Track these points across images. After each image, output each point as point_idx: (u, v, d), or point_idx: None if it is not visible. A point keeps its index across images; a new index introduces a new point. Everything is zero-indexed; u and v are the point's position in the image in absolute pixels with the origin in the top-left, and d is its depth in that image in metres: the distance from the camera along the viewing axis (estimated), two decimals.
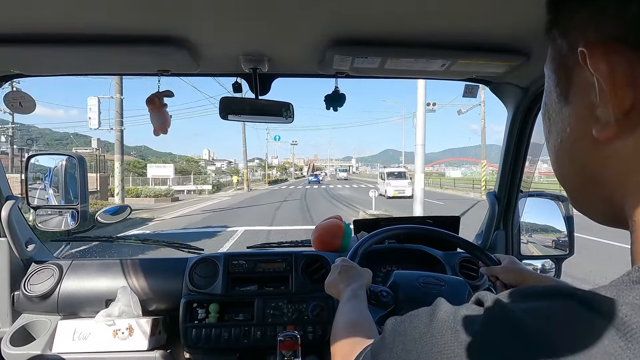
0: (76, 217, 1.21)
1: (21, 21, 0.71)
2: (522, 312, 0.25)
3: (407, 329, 0.33)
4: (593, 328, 0.22)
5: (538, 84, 1.04)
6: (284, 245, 1.45)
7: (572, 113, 0.30)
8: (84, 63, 0.96)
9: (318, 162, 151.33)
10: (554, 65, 0.32)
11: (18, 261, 1.16)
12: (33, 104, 1.06)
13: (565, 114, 0.31)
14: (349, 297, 0.70)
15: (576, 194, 0.33)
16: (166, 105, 1.03)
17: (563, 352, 0.22)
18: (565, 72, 0.30)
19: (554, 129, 0.32)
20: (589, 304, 0.23)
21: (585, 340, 0.22)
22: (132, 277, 1.18)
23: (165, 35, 0.79)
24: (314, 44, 0.84)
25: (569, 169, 0.32)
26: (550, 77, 0.32)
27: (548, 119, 0.33)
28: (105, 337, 1.09)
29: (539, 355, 0.23)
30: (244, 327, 1.12)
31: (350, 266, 0.82)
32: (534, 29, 0.74)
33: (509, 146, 1.19)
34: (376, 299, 0.83)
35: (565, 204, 1.23)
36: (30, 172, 1.20)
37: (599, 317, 0.22)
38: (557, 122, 0.32)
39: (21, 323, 1.13)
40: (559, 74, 0.31)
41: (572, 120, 0.30)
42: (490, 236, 1.27)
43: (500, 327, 0.26)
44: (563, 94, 0.31)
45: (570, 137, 0.30)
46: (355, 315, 0.65)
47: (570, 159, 0.31)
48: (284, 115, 1.04)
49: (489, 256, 0.97)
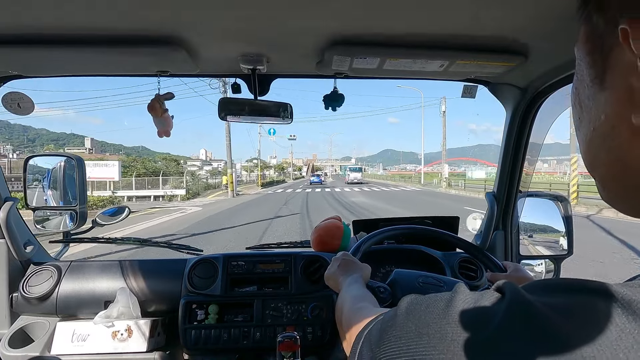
0: (75, 218, 1.21)
1: (20, 22, 0.71)
2: (544, 305, 0.25)
3: (422, 312, 0.32)
4: (616, 323, 0.22)
5: (536, 84, 1.04)
6: (283, 246, 1.44)
7: (609, 98, 0.28)
8: (82, 64, 0.96)
9: (317, 162, 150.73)
10: (588, 46, 0.29)
11: (16, 262, 1.16)
12: (32, 105, 1.06)
13: (600, 99, 0.28)
14: (350, 283, 0.72)
15: (609, 185, 0.31)
16: (167, 110, 1.04)
17: (583, 346, 0.22)
18: (601, 53, 0.28)
19: (586, 116, 0.30)
20: (613, 299, 0.23)
21: (608, 335, 0.22)
22: (131, 278, 1.18)
23: (163, 36, 0.79)
24: (313, 44, 0.84)
25: (602, 159, 0.30)
26: (582, 60, 0.30)
27: (579, 105, 0.31)
28: (104, 338, 1.09)
29: (557, 349, 0.22)
30: (243, 328, 1.12)
31: (350, 260, 0.84)
32: (532, 29, 0.75)
33: (507, 146, 1.20)
34: (374, 294, 0.83)
35: (564, 204, 1.23)
36: (28, 174, 1.20)
37: (625, 312, 0.22)
38: (589, 109, 0.30)
39: (20, 325, 1.12)
40: (594, 56, 0.29)
41: (608, 107, 0.28)
42: (489, 236, 1.28)
43: (520, 320, 0.25)
44: (598, 77, 0.28)
45: (606, 124, 0.28)
46: (359, 292, 0.67)
47: (605, 148, 0.29)
48: (282, 115, 1.04)
49: (494, 262, 0.97)
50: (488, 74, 1.03)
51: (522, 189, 1.24)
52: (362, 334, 0.42)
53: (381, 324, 0.38)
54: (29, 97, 1.05)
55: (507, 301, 0.27)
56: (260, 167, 51.76)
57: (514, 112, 1.14)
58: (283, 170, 73.07)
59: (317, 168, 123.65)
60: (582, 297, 0.24)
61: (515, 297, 0.27)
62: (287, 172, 71.80)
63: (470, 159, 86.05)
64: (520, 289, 0.27)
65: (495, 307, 0.27)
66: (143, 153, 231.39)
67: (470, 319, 0.28)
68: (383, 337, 0.35)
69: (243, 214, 11.34)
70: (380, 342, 0.35)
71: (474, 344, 0.26)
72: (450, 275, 1.16)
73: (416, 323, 0.32)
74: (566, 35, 0.75)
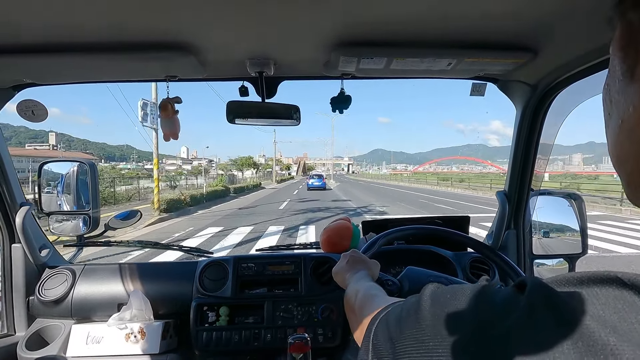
0: (88, 222, 1.23)
1: (33, 31, 0.73)
2: (565, 294, 0.26)
3: (446, 302, 0.34)
4: (637, 308, 0.22)
5: (547, 80, 1.02)
6: (293, 248, 1.45)
7: (638, 90, 0.28)
8: (93, 71, 0.97)
9: (308, 160, 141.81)
10: (622, 42, 0.30)
11: (32, 266, 1.18)
12: (45, 112, 1.08)
13: (629, 92, 0.29)
14: (357, 279, 0.73)
15: (636, 180, 0.31)
16: (177, 111, 1.05)
17: (603, 333, 0.22)
18: (635, 47, 0.29)
19: (615, 109, 0.31)
20: (634, 287, 0.23)
21: (628, 320, 0.22)
22: (143, 281, 1.20)
23: (173, 42, 0.80)
24: (320, 46, 0.84)
25: (629, 151, 0.30)
26: (615, 55, 0.31)
27: (609, 101, 0.32)
28: (118, 340, 1.10)
29: (578, 337, 0.23)
30: (254, 330, 1.12)
31: (359, 257, 0.84)
32: (541, 24, 0.73)
33: (518, 144, 1.18)
34: (382, 286, 0.83)
35: (577, 202, 1.21)
36: (42, 179, 1.23)
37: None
38: (619, 102, 0.30)
39: (36, 327, 1.15)
40: (627, 51, 0.29)
41: (636, 98, 0.28)
42: (501, 236, 1.26)
43: (542, 309, 0.26)
44: (629, 70, 0.29)
45: (634, 116, 0.29)
46: (368, 284, 0.67)
47: (631, 140, 0.29)
48: (290, 117, 1.05)
49: (507, 262, 0.96)
50: (497, 71, 1.01)
51: (533, 187, 1.22)
52: (379, 316, 0.43)
53: (401, 308, 0.39)
54: (42, 104, 1.07)
55: (529, 291, 0.28)
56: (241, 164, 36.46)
57: (524, 110, 1.12)
58: (257, 168, 46.37)
59: (310, 167, 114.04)
60: (601, 287, 0.25)
61: (537, 287, 0.28)
62: (266, 172, 52.04)
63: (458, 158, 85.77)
64: (542, 280, 0.28)
65: (517, 297, 0.29)
66: (127, 152, 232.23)
67: (493, 308, 0.29)
68: (403, 323, 0.37)
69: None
70: (400, 326, 0.37)
71: (498, 332, 0.27)
72: (462, 276, 1.15)
73: (438, 313, 0.33)
74: (576, 30, 0.73)
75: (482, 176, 52.88)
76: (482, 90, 1.14)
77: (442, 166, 73.72)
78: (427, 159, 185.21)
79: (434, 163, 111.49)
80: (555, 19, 0.71)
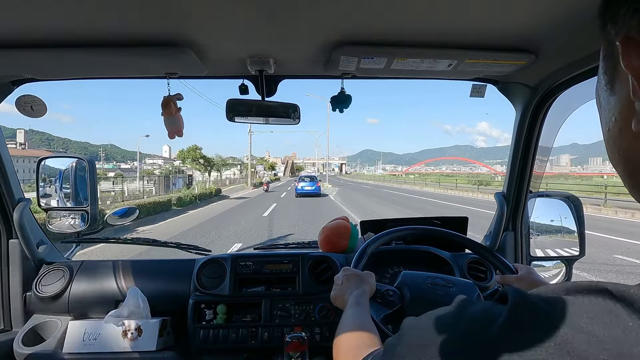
0: (86, 218, 1.23)
1: (33, 27, 0.73)
2: (547, 305, 0.26)
3: (424, 323, 0.35)
4: (621, 321, 0.22)
5: (547, 82, 1.02)
6: (291, 247, 1.45)
7: (617, 103, 0.29)
8: (93, 67, 0.97)
9: (298, 160, 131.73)
10: (603, 53, 0.31)
11: (30, 262, 1.18)
12: (44, 108, 1.08)
13: (611, 103, 0.30)
14: (351, 305, 0.71)
15: (629, 182, 0.32)
16: (180, 108, 1.04)
17: (588, 345, 0.22)
18: (612, 61, 0.30)
19: (603, 116, 0.32)
20: (618, 298, 0.23)
21: (613, 333, 0.22)
22: (141, 278, 1.19)
23: (173, 39, 0.79)
24: (320, 45, 0.84)
25: (616, 158, 0.31)
26: (600, 64, 0.32)
27: (599, 106, 0.33)
28: (115, 337, 1.10)
29: (562, 348, 0.23)
30: (251, 328, 1.12)
31: (352, 274, 0.82)
32: (542, 27, 0.73)
33: (517, 146, 1.18)
34: (382, 298, 0.83)
35: (576, 204, 1.21)
36: (41, 175, 1.22)
37: (629, 310, 0.22)
38: (605, 110, 0.31)
39: (33, 323, 1.15)
40: (607, 62, 0.31)
41: (616, 111, 0.29)
42: (499, 237, 1.26)
43: (523, 321, 0.26)
44: (610, 82, 0.30)
45: (615, 127, 0.30)
46: (358, 322, 0.65)
47: (617, 147, 0.31)
48: (290, 116, 1.05)
49: (504, 263, 0.96)
50: (497, 73, 1.02)
51: (532, 189, 1.22)
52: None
53: (384, 349, 0.41)
54: (41, 100, 1.07)
55: (510, 303, 0.28)
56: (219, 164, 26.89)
57: (524, 111, 1.13)
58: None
59: (298, 167, 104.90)
60: (587, 297, 0.25)
61: (518, 299, 0.28)
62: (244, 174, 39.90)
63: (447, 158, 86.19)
64: (524, 291, 0.28)
65: (497, 308, 0.29)
66: (111, 151, 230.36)
67: (472, 319, 0.30)
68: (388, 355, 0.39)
69: None
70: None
71: (482, 340, 0.27)
72: (459, 276, 1.15)
73: (419, 333, 0.35)
74: (577, 33, 0.73)
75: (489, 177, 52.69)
76: (482, 91, 1.14)
77: (432, 167, 74.03)
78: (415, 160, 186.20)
79: (424, 164, 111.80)
80: (556, 22, 0.71)
